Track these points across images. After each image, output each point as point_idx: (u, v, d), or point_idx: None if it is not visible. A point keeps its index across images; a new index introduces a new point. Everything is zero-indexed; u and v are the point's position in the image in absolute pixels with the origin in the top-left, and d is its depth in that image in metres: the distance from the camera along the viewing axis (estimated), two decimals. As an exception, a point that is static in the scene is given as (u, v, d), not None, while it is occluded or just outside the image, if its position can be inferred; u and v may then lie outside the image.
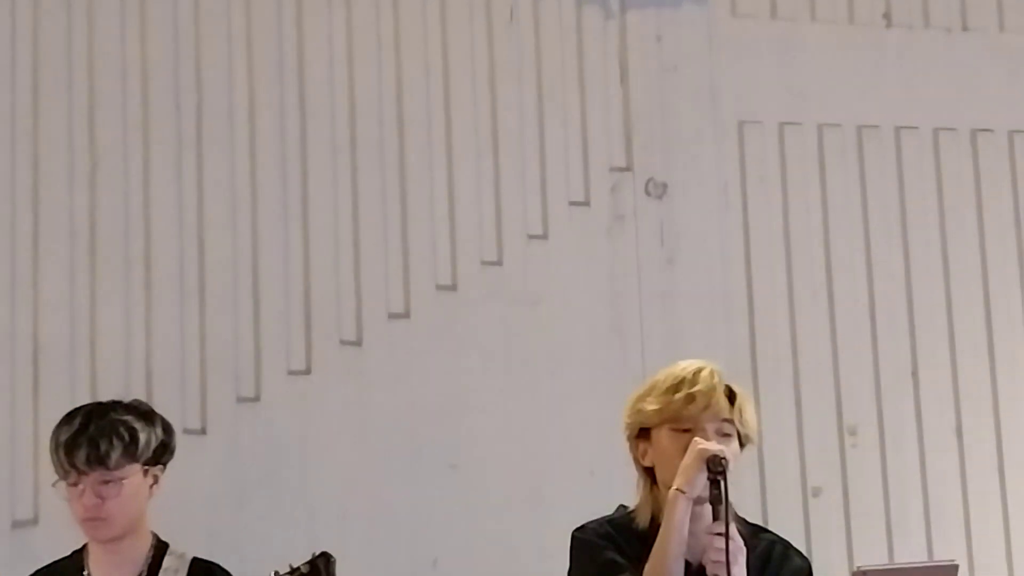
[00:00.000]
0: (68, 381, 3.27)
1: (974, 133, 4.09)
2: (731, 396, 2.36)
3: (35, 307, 3.30)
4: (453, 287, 3.61)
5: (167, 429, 2.66)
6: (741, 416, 2.35)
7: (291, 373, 3.45)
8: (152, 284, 3.37)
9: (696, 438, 2.28)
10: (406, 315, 3.55)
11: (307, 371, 3.46)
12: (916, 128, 4.04)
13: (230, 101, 3.52)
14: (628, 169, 3.78)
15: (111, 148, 3.40)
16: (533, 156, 3.72)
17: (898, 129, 4.03)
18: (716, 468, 2.22)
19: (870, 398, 3.85)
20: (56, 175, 3.37)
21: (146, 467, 2.60)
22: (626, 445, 2.44)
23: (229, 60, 3.55)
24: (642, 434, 2.39)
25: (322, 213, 3.55)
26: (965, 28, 4.14)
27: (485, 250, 3.65)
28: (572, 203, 3.73)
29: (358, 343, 3.50)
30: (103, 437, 2.52)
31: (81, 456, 2.52)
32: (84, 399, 3.11)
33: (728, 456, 2.25)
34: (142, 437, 2.57)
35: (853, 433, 3.82)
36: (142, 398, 2.83)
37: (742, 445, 2.38)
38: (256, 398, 3.41)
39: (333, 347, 3.48)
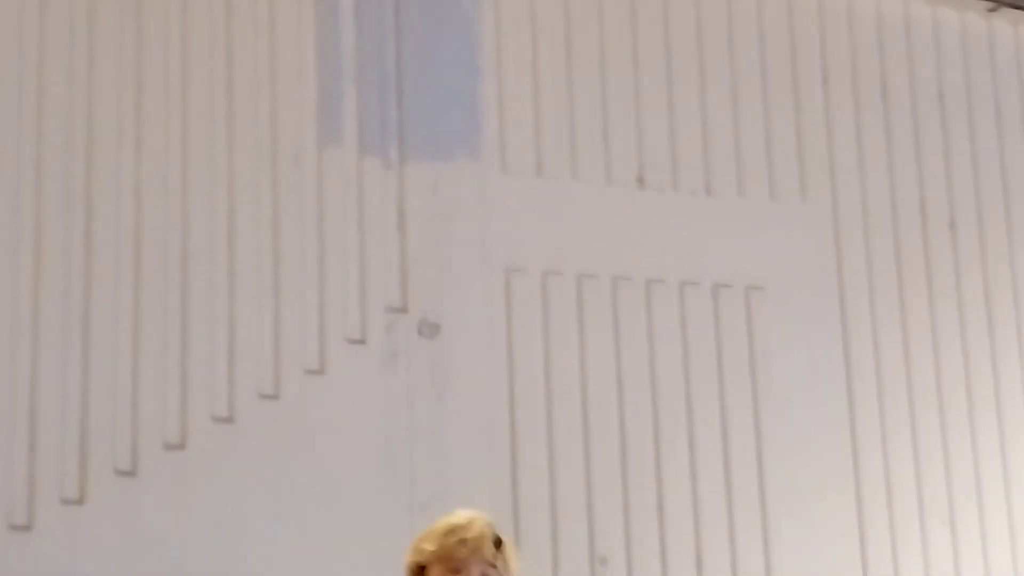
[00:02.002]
0: None
1: (715, 287, 4.50)
2: (498, 544, 2.64)
3: None
4: (230, 419, 3.72)
5: None
6: (505, 562, 2.65)
7: (64, 502, 3.47)
8: (-75, 411, 3.37)
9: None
10: (182, 446, 3.64)
11: (80, 500, 3.49)
12: (664, 281, 4.42)
13: (16, 228, 3.58)
14: (403, 310, 4.01)
15: None
16: (313, 294, 3.90)
17: (649, 281, 4.40)
18: None
19: (620, 529, 4.14)
20: None
21: None
22: None
23: (17, 188, 3.61)
24: (420, 571, 2.63)
25: (102, 341, 3.62)
26: (709, 192, 4.56)
27: (263, 383, 3.79)
28: (349, 340, 3.92)
29: (133, 473, 3.56)
30: None
31: None
32: None
33: None
34: None
35: (604, 563, 4.09)
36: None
37: None
38: (28, 527, 3.41)
39: (108, 476, 3.53)
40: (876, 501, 4.53)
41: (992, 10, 5.09)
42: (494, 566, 2.66)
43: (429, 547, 2.67)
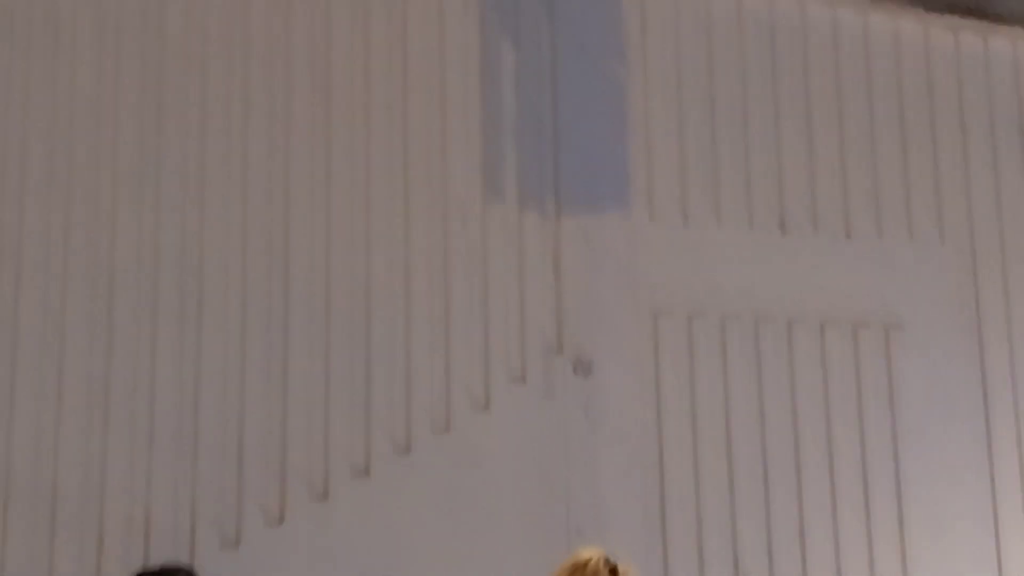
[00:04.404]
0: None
1: (855, 326, 4.71)
2: (614, 572, 3.01)
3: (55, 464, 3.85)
4: (407, 450, 4.17)
5: None
6: None
7: (267, 522, 3.98)
8: (154, 442, 3.92)
9: None
10: (367, 473, 4.11)
11: (280, 520, 3.99)
12: (805, 320, 4.66)
13: (226, 284, 4.10)
14: (559, 351, 4.39)
15: (129, 325, 3.98)
16: (479, 338, 4.32)
17: (790, 321, 4.65)
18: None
19: (763, 555, 4.43)
20: (78, 345, 3.94)
21: None
22: None
23: (226, 247, 4.13)
24: None
25: (299, 383, 4.12)
26: (848, 235, 4.77)
27: (436, 419, 4.23)
28: (511, 379, 4.33)
29: (325, 497, 4.05)
30: None
31: None
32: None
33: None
34: None
35: (749, 581, 4.40)
36: (141, 546, 3.36)
37: None
38: (236, 543, 3.93)
39: (304, 500, 4.02)
40: (1014, 532, 4.69)
41: None
42: None
43: None
